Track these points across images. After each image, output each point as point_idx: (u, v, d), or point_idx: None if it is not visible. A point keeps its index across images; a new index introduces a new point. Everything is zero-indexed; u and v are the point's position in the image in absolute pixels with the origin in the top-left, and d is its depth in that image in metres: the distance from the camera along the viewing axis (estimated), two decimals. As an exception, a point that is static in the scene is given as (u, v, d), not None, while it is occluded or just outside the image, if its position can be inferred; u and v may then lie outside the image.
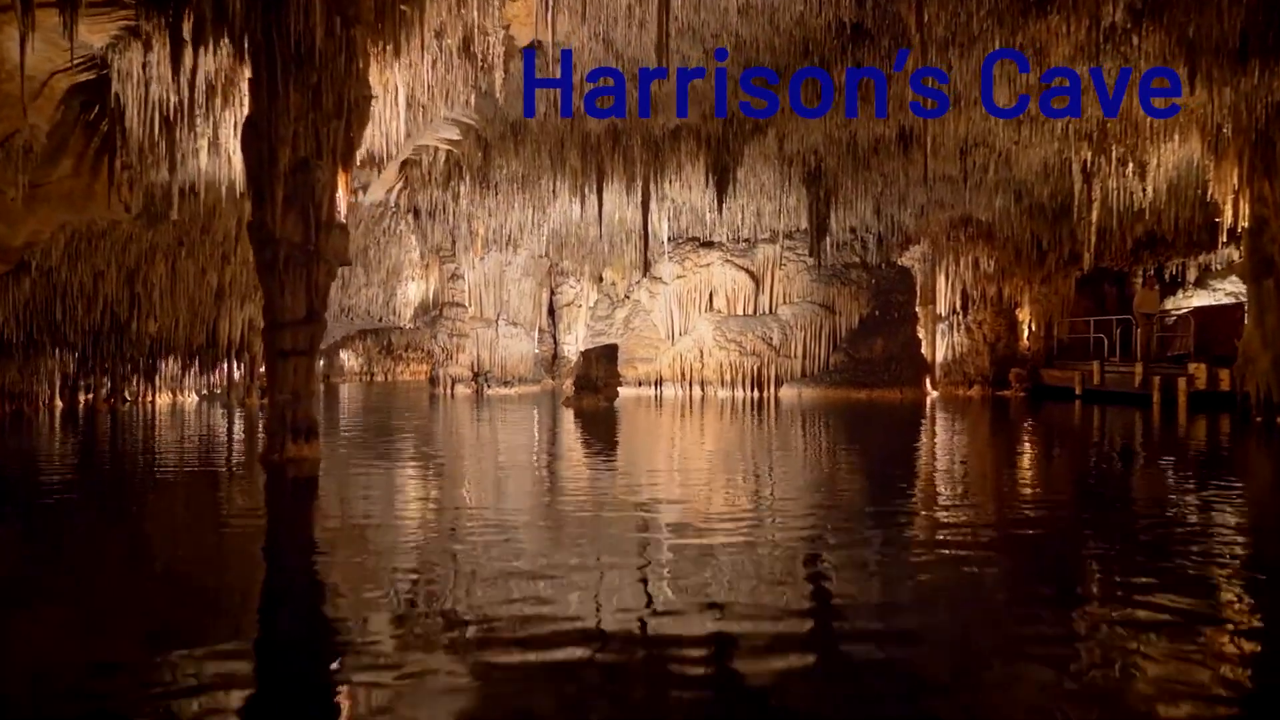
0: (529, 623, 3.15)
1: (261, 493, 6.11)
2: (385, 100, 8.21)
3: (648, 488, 6.35)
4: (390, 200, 16.06)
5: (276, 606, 3.65)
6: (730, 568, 3.96)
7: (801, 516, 5.35)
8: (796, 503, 5.94)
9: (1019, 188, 14.86)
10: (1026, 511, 5.77)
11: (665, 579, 3.85)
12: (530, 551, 4.36)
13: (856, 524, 5.05)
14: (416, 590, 3.66)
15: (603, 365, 14.92)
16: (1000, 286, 19.67)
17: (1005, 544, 4.63)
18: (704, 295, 20.09)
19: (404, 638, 3.03)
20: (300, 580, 4.00)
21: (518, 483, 6.63)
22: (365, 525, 5.05)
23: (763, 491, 6.42)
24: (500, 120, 12.20)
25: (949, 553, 4.42)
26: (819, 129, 11.90)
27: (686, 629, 3.09)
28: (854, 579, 3.89)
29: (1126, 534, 4.95)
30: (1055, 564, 4.28)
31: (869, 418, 14.07)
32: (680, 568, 4.02)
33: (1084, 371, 17.17)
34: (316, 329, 6.57)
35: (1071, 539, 4.86)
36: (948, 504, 6.04)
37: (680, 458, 8.47)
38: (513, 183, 14.75)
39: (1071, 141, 11.80)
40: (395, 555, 4.36)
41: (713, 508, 5.53)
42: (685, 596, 3.53)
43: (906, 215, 17.35)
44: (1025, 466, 8.36)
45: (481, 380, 20.98)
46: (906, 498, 6.35)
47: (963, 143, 12.48)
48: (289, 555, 4.56)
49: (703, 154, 12.38)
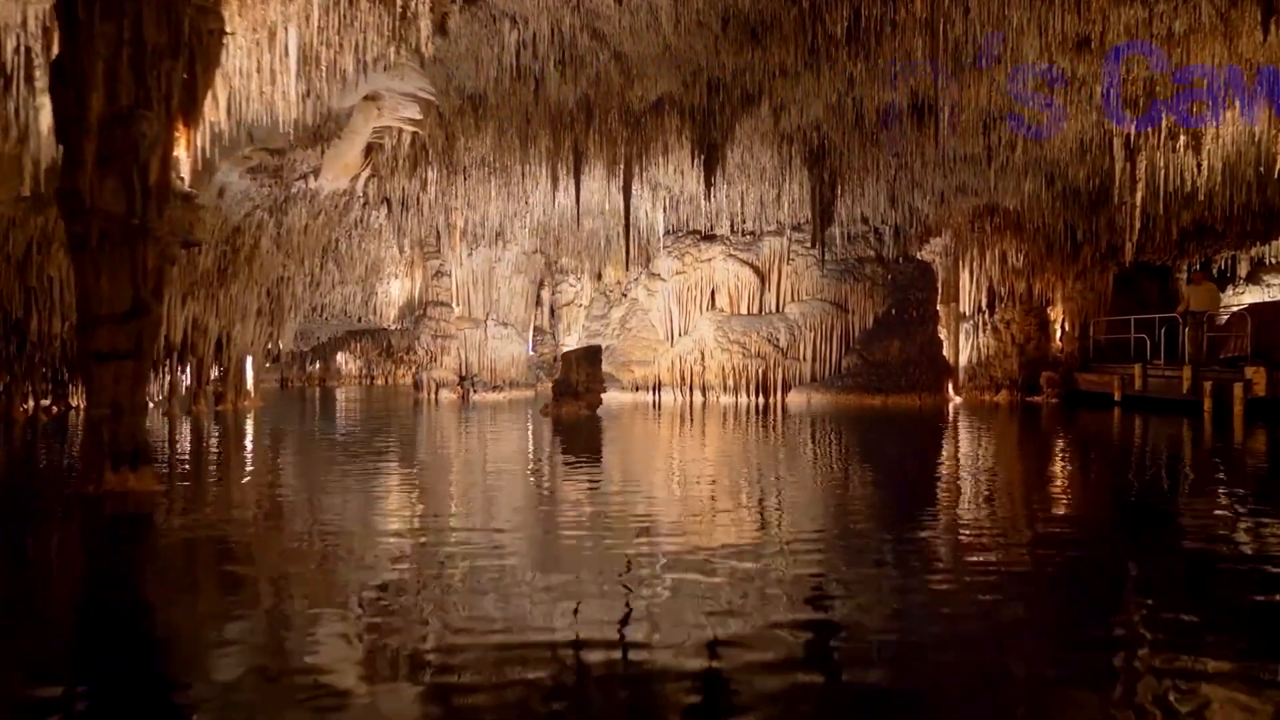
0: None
1: (49, 541, 4.70)
2: (271, 49, 6.81)
3: (617, 530, 4.87)
4: (357, 190, 14.73)
5: None
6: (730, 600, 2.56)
7: (809, 552, 4.34)
8: (806, 543, 4.51)
9: (1051, 169, 13.20)
10: (1065, 540, 4.86)
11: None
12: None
13: (875, 565, 4.09)
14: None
15: (584, 369, 13.46)
16: (1030, 283, 18.02)
17: (1042, 582, 3.96)
18: (705, 293, 18.55)
19: None
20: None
21: (423, 530, 5.18)
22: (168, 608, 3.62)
23: (768, 518, 5.00)
24: (456, 92, 10.80)
25: (982, 597, 3.69)
26: (819, 98, 10.37)
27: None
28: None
29: (1176, 568, 4.28)
30: (1097, 604, 3.64)
31: (885, 427, 12.49)
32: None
33: (1124, 375, 15.46)
34: (146, 326, 5.13)
35: (1115, 574, 4.19)
36: (976, 534, 4.91)
37: (661, 483, 6.98)
38: (483, 167, 13.35)
39: (1114, 109, 10.18)
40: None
41: (709, 539, 4.08)
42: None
43: (925, 203, 15.73)
44: (1062, 486, 6.82)
45: (467, 385, 19.60)
46: (929, 526, 5.14)
47: (985, 114, 10.89)
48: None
49: (687, 129, 10.89)
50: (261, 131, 10.10)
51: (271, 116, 8.41)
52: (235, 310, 13.70)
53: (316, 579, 3.86)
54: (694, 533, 4.71)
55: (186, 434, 10.57)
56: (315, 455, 8.83)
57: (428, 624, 3.20)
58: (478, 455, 8.85)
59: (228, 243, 12.37)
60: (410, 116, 12.56)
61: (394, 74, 10.90)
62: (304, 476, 7.24)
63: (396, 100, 12.11)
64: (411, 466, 7.78)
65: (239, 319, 13.93)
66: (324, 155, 11.74)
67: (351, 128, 11.86)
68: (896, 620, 3.32)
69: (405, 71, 10.81)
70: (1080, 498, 6.39)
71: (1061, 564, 4.24)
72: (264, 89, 7.07)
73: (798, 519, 5.23)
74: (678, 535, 4.66)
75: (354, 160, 14.01)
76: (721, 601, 3.45)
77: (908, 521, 5.13)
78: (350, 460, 8.22)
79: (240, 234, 12.46)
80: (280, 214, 12.79)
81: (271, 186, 12.16)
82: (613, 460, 8.47)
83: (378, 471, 7.37)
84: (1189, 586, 3.86)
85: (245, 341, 14.44)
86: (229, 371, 14.31)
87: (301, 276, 15.62)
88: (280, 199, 12.53)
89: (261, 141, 10.47)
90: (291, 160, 11.77)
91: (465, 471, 7.63)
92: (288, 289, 15.10)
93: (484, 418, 13.61)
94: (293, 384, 29.98)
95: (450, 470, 7.61)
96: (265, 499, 5.89)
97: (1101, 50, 9.03)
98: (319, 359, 30.94)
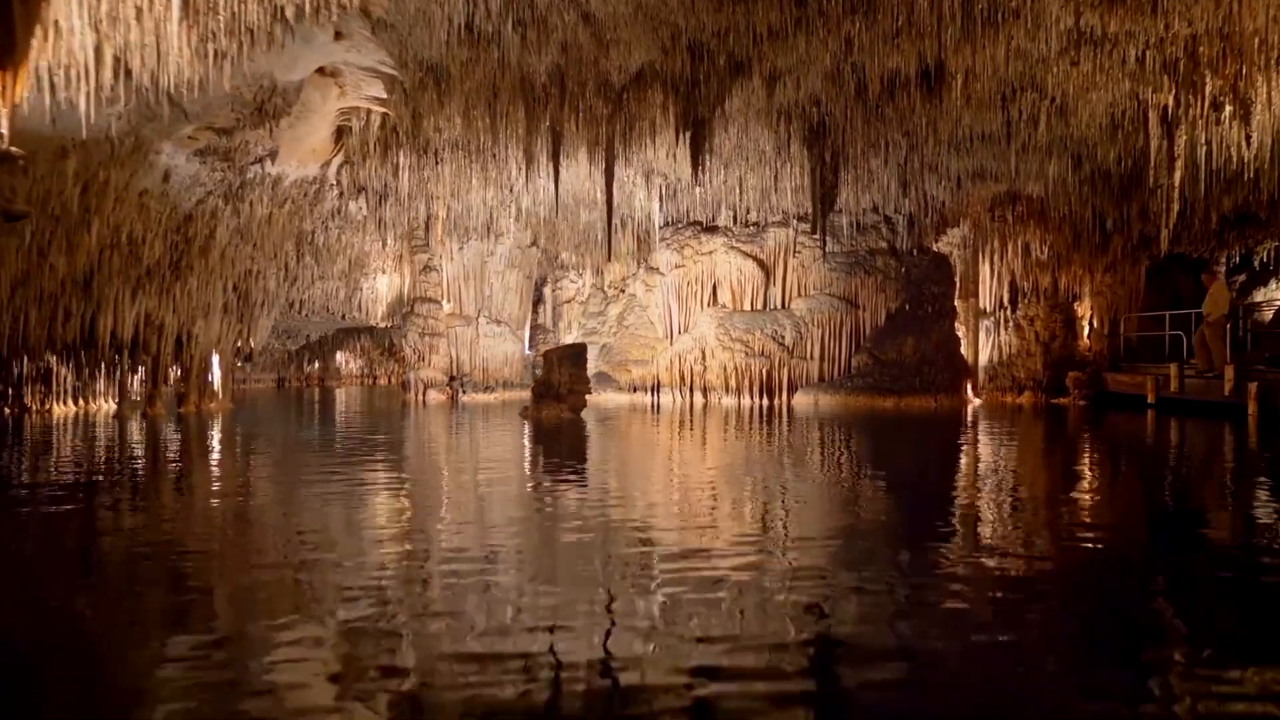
0: None
1: None
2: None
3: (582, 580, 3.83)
4: (329, 177, 13.79)
5: None
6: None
7: (819, 586, 3.55)
8: (818, 579, 3.52)
9: (1078, 148, 11.99)
10: (1101, 566, 4.07)
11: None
12: None
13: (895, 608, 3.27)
14: None
15: (566, 369, 12.41)
16: (1055, 276, 16.82)
17: (1078, 628, 3.21)
18: (706, 287, 17.45)
19: None
20: None
21: (346, 567, 4.15)
22: None
23: (773, 552, 3.87)
24: (415, 64, 9.81)
25: (1004, 638, 3.01)
26: (814, 66, 9.27)
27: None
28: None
29: (1227, 603, 3.52)
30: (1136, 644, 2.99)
31: (898, 432, 11.35)
32: None
33: (1158, 376, 14.20)
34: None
35: (1155, 607, 3.51)
36: (1002, 563, 3.99)
37: (639, 502, 5.90)
38: (458, 151, 12.36)
39: (1150, 75, 9.00)
40: None
41: (693, 608, 3.04)
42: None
43: (940, 189, 14.55)
44: (1093, 500, 5.67)
45: (456, 385, 18.64)
46: (950, 550, 4.27)
47: (1004, 83, 9.74)
48: None
49: (670, 102, 9.83)
50: (195, 106, 9.16)
51: (198, 86, 7.45)
52: (196, 305, 12.80)
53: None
54: (678, 609, 3.22)
55: (115, 440, 9.61)
56: (232, 468, 7.84)
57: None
58: (430, 470, 7.82)
59: (179, 232, 11.45)
60: (375, 95, 11.59)
61: (347, 45, 9.94)
62: (190, 494, 6.25)
63: (358, 77, 11.14)
64: (329, 484, 6.76)
65: (201, 315, 13.02)
66: (274, 135, 10.77)
67: (306, 105, 10.89)
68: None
69: (359, 41, 9.84)
70: (1125, 521, 5.25)
71: (1113, 617, 3.15)
72: (147, 41, 6.10)
73: (802, 557, 4.14)
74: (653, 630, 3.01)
75: (321, 145, 13.07)
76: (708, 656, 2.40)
77: (935, 569, 3.99)
78: (265, 478, 7.23)
79: (192, 222, 11.54)
80: (237, 201, 11.86)
81: (224, 171, 11.23)
82: (589, 475, 7.42)
83: (265, 501, 6.37)
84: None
85: (210, 339, 13.53)
86: (191, 371, 13.41)
87: (274, 270, 14.71)
88: (235, 185, 11.60)
89: (200, 118, 9.53)
90: (244, 142, 10.82)
91: (394, 498, 6.60)
92: (257, 283, 14.18)
93: (464, 421, 12.62)
94: (290, 384, 29.22)
95: (375, 496, 6.59)
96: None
97: (1138, 3, 7.88)
98: (317, 358, 30.13)
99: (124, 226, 10.46)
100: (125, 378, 12.45)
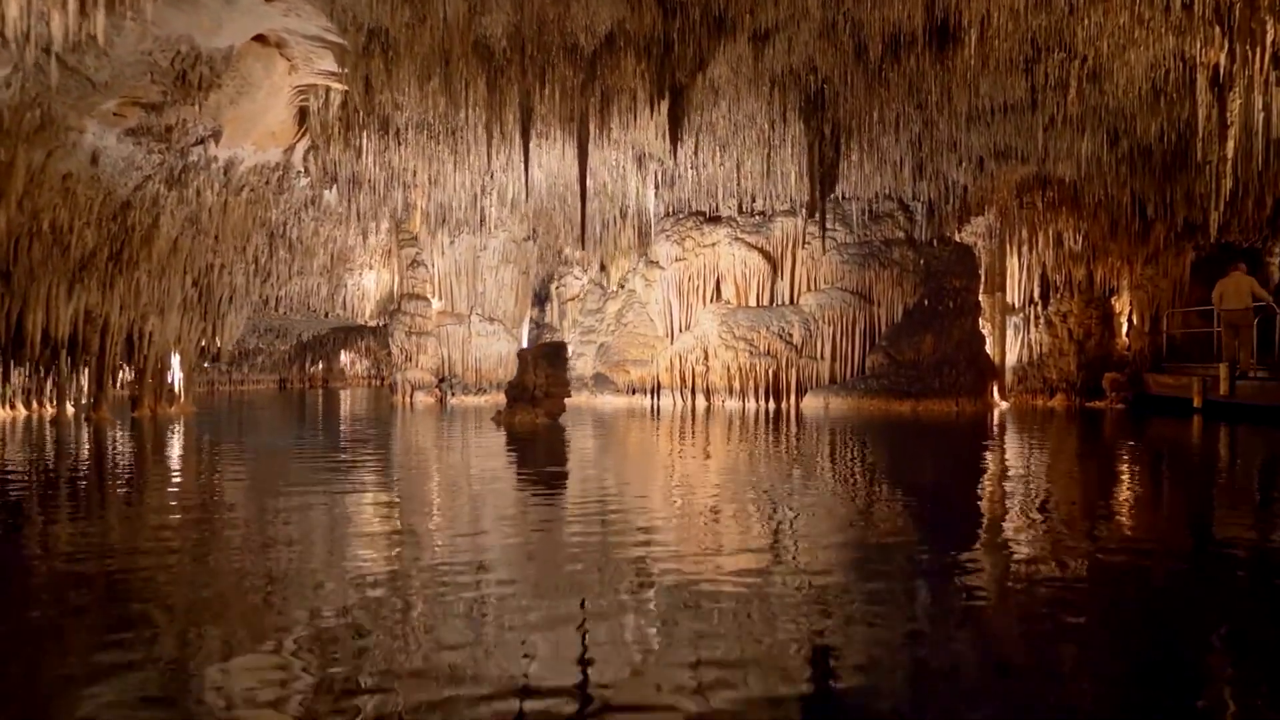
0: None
1: None
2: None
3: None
4: (294, 163, 12.81)
5: None
6: None
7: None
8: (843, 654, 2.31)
9: (1114, 120, 10.63)
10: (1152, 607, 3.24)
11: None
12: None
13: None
14: None
15: (544, 370, 11.27)
16: (1091, 268, 15.47)
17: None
18: (708, 282, 16.25)
19: None
20: None
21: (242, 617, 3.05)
22: None
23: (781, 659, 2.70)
24: (354, 27, 8.75)
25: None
26: (807, 21, 8.05)
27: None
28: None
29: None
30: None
31: (918, 440, 10.07)
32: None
33: (1205, 378, 12.78)
34: None
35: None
36: (1037, 604, 3.00)
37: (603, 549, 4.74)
38: (422, 131, 11.30)
39: (1199, 25, 7.68)
40: None
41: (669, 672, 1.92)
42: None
43: (961, 172, 13.24)
44: (1137, 522, 4.42)
45: (445, 387, 17.61)
46: (977, 583, 3.34)
47: (1025, 40, 8.46)
48: None
49: (643, 67, 8.65)
50: (102, 74, 8.16)
51: (98, 50, 6.43)
52: (148, 301, 11.85)
53: None
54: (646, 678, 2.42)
55: (26, 447, 8.62)
56: (162, 481, 6.80)
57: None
58: (382, 490, 6.71)
59: (116, 220, 10.49)
60: (328, 69, 10.58)
61: (283, 7, 8.90)
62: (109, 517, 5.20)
63: (305, 48, 10.11)
64: (258, 508, 5.68)
65: (155, 312, 12.07)
66: (213, 113, 9.75)
67: (247, 79, 9.88)
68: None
69: (294, 2, 8.79)
70: (1168, 540, 4.00)
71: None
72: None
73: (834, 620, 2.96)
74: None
75: (281, 127, 12.08)
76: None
77: (958, 579, 2.82)
78: (200, 494, 6.18)
79: (131, 210, 10.57)
80: (182, 187, 10.88)
81: (162, 153, 10.26)
82: (578, 491, 6.26)
83: (177, 522, 5.30)
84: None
85: (167, 338, 12.59)
86: (145, 372, 12.47)
87: (242, 265, 13.75)
88: (177, 168, 10.62)
89: (113, 89, 8.53)
90: (180, 120, 9.83)
91: (318, 535, 5.50)
92: (221, 278, 13.23)
93: (442, 427, 11.51)
94: (292, 385, 28.42)
95: (304, 528, 5.49)
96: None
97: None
98: (320, 359, 29.31)
99: (45, 213, 9.51)
100: (65, 380, 11.53)
